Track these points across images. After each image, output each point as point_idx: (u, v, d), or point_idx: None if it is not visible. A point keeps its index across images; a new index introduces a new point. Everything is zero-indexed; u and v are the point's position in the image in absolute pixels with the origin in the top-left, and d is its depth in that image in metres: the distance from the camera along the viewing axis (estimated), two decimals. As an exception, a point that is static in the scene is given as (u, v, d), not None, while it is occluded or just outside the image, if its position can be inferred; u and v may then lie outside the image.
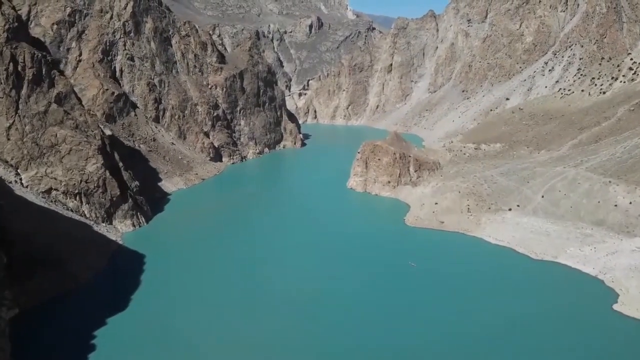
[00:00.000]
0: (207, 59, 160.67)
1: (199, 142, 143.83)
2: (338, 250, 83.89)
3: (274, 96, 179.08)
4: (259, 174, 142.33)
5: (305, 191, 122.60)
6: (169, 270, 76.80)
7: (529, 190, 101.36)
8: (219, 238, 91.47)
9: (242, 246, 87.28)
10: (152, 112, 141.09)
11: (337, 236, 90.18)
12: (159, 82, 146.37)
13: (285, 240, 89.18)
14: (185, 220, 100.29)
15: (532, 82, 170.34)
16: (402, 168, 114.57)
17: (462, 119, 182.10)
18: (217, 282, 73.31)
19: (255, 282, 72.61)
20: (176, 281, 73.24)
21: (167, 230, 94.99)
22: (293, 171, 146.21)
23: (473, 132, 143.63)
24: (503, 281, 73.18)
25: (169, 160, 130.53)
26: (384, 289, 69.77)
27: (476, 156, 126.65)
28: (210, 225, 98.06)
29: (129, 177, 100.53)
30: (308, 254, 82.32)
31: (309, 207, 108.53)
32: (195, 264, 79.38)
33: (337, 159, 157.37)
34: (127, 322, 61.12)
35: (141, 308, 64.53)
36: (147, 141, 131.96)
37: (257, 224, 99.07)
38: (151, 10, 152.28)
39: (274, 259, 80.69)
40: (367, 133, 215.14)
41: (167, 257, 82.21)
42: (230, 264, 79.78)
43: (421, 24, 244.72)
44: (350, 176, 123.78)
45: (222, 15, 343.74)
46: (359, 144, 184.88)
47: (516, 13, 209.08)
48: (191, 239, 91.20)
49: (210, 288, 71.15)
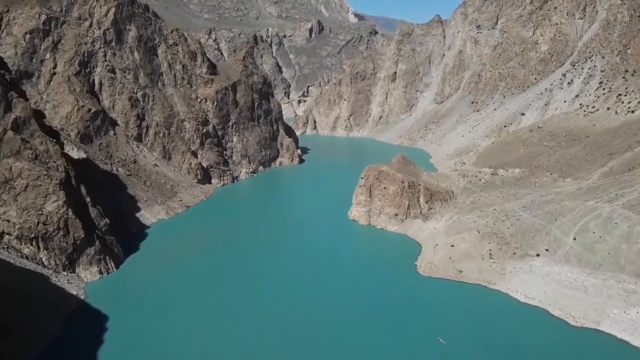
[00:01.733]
0: (196, 70, 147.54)
1: (185, 162, 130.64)
2: (339, 310, 70.71)
3: (269, 109, 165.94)
4: (250, 199, 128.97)
5: (301, 223, 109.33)
6: (140, 333, 64.12)
7: (557, 230, 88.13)
8: (200, 286, 78.27)
9: (227, 296, 74.47)
10: (133, 130, 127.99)
11: (338, 290, 76.84)
12: (143, 96, 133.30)
13: (275, 294, 75.84)
14: (162, 263, 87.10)
15: (549, 95, 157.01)
16: (411, 198, 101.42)
17: (472, 134, 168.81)
18: (199, 346, 60.54)
19: (243, 344, 59.87)
20: (149, 348, 60.45)
21: (139, 277, 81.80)
22: (288, 195, 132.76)
23: (488, 153, 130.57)
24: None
25: (150, 185, 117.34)
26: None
27: (493, 183, 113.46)
28: (190, 269, 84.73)
29: (97, 214, 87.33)
30: (302, 318, 69.03)
31: (304, 245, 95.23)
32: (173, 323, 66.67)
33: (338, 179, 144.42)
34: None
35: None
36: (127, 163, 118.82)
37: (244, 267, 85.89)
38: (135, 17, 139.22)
39: (260, 319, 67.62)
40: (370, 146, 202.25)
41: (138, 314, 69.39)
42: (213, 321, 66.96)
43: (427, 30, 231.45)
44: (353, 205, 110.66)
45: (218, 19, 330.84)
46: (361, 160, 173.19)
47: (529, 19, 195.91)
48: (168, 288, 78.02)
49: (192, 355, 58.62)
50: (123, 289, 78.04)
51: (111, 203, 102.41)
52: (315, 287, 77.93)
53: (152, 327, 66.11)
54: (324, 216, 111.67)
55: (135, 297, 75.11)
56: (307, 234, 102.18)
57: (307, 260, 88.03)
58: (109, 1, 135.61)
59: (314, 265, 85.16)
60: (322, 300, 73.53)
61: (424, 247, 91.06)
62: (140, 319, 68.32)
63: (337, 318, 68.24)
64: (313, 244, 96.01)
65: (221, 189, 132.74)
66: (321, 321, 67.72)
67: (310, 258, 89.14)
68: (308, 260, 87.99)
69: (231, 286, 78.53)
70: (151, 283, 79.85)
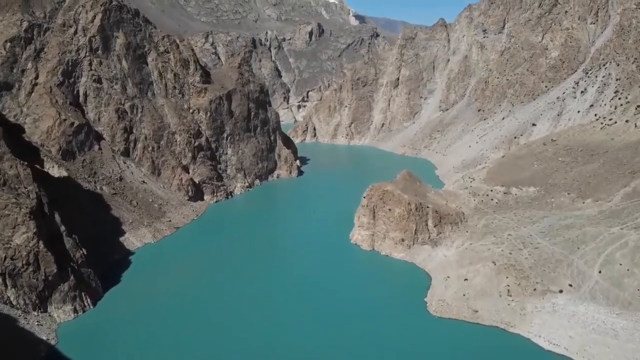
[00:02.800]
0: (188, 79, 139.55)
1: (175, 178, 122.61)
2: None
3: (267, 119, 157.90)
4: (243, 218, 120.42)
5: (298, 249, 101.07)
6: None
7: (581, 261, 79.93)
8: (185, 324, 70.13)
9: (214, 337, 66.37)
10: (120, 144, 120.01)
11: (338, 335, 68.65)
12: (131, 107, 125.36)
13: (265, 341, 67.41)
14: (145, 296, 78.98)
15: (562, 105, 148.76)
16: (419, 222, 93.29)
17: (480, 145, 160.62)
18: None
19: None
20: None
21: (118, 316, 73.73)
22: (285, 214, 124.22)
23: (499, 169, 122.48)
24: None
25: (136, 205, 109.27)
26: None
27: (506, 203, 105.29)
28: (175, 304, 76.54)
29: (73, 244, 79.26)
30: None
31: (301, 278, 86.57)
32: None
33: (339, 194, 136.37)
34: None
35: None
36: (112, 181, 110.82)
37: (235, 300, 77.72)
38: (124, 23, 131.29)
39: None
40: (372, 156, 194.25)
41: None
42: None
43: (431, 34, 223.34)
44: (355, 227, 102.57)
45: (216, 22, 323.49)
46: (364, 171, 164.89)
47: (538, 23, 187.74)
48: (150, 327, 69.98)
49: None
50: (99, 331, 70.00)
51: (92, 227, 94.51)
52: (311, 329, 69.79)
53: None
54: (324, 239, 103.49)
55: (112, 341, 67.04)
56: (304, 262, 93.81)
57: (303, 297, 79.62)
58: (95, 6, 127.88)
59: (311, 303, 76.83)
60: (318, 347, 65.35)
61: (434, 280, 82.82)
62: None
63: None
64: (311, 275, 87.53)
65: (214, 206, 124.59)
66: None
67: (308, 294, 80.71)
68: (305, 297, 79.60)
69: (219, 326, 70.39)
70: (131, 322, 71.77)
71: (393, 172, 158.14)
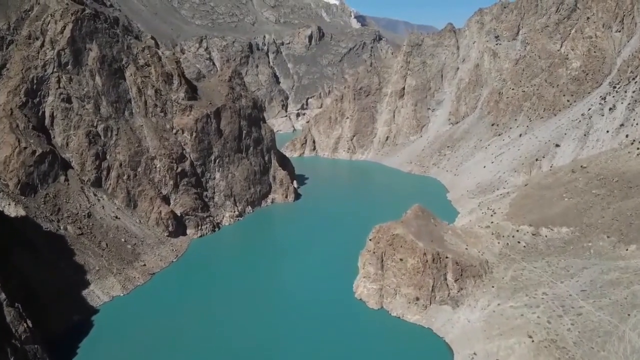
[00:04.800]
0: (172, 95, 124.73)
1: (154, 211, 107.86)
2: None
3: (260, 137, 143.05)
4: (230, 258, 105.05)
5: (291, 301, 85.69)
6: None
7: (633, 334, 65.16)
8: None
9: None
10: (91, 172, 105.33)
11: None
12: (104, 129, 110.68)
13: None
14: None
15: (588, 124, 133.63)
16: (437, 276, 78.49)
17: (497, 166, 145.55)
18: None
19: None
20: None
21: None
22: (278, 251, 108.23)
23: (523, 201, 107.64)
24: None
25: (105, 247, 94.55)
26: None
27: (536, 247, 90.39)
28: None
29: (15, 316, 64.43)
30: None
31: (293, 340, 72.16)
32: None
33: (340, 224, 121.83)
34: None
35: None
36: (79, 219, 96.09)
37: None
38: (98, 33, 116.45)
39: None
40: (376, 174, 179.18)
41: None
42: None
43: (438, 40, 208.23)
44: (359, 276, 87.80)
45: (212, 25, 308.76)
46: (368, 195, 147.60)
47: (556, 30, 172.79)
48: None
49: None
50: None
51: (49, 280, 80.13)
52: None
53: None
54: (322, 290, 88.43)
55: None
56: (298, 323, 78.78)
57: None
58: (65, 16, 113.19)
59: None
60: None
61: (456, 356, 68.14)
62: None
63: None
64: (304, 343, 73.01)
65: (197, 243, 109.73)
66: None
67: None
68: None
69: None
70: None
71: (401, 197, 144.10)
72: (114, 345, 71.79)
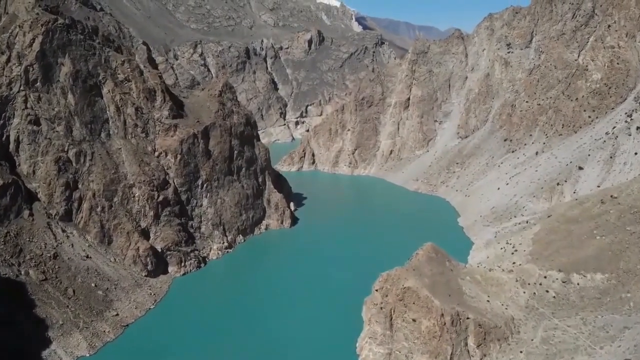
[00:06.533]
0: (154, 114, 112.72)
1: (130, 247, 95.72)
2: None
3: (253, 157, 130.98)
4: (215, 301, 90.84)
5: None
6: None
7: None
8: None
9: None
10: (59, 205, 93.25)
11: None
12: (77, 154, 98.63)
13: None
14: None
15: (614, 144, 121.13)
16: (456, 341, 66.39)
17: (512, 189, 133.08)
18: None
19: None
20: None
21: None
22: (270, 293, 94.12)
23: (548, 238, 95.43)
24: None
25: (73, 294, 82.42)
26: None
27: (567, 299, 78.07)
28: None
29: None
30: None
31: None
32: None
33: (342, 258, 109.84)
34: None
35: None
36: (43, 261, 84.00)
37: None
38: (72, 46, 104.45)
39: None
40: (381, 192, 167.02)
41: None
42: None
43: (445, 47, 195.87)
44: (363, 335, 75.68)
45: (207, 29, 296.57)
46: (373, 218, 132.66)
47: (573, 38, 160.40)
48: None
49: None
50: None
51: (6, 338, 68.18)
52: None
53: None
54: (320, 350, 76.23)
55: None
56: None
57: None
58: (35, 27, 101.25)
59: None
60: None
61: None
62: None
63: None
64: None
65: (180, 283, 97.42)
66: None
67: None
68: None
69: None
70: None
71: (409, 223, 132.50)
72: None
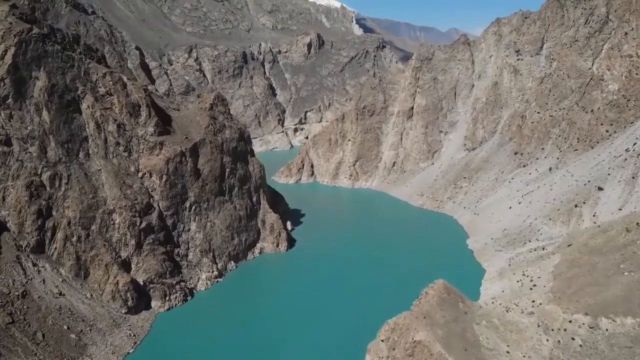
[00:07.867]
0: (138, 130, 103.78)
1: (109, 281, 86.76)
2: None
3: (247, 175, 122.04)
4: (201, 343, 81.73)
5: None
6: None
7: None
8: None
9: None
10: (31, 235, 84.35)
11: None
12: (51, 178, 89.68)
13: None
14: None
15: (636, 163, 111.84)
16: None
17: (525, 208, 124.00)
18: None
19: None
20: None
21: None
22: (262, 332, 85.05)
23: (570, 273, 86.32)
24: None
25: (42, 339, 73.43)
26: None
27: (595, 347, 69.17)
28: None
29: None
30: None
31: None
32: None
33: (342, 289, 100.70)
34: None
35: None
36: (10, 301, 75.07)
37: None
38: (48, 58, 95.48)
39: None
40: (384, 208, 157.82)
41: None
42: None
43: (451, 54, 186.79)
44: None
45: (204, 32, 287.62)
46: (377, 239, 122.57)
47: (586, 45, 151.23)
48: None
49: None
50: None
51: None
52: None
53: None
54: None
55: None
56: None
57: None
58: (7, 37, 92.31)
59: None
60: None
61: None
62: None
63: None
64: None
65: (163, 319, 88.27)
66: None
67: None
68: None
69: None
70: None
71: (415, 245, 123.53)
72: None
